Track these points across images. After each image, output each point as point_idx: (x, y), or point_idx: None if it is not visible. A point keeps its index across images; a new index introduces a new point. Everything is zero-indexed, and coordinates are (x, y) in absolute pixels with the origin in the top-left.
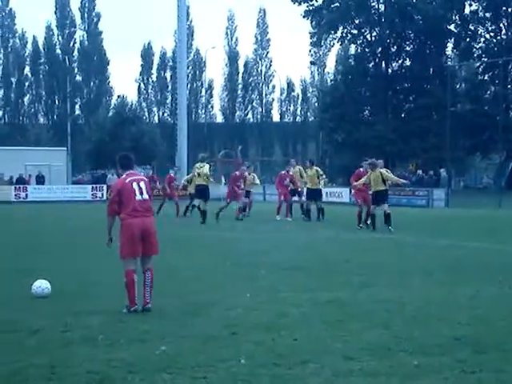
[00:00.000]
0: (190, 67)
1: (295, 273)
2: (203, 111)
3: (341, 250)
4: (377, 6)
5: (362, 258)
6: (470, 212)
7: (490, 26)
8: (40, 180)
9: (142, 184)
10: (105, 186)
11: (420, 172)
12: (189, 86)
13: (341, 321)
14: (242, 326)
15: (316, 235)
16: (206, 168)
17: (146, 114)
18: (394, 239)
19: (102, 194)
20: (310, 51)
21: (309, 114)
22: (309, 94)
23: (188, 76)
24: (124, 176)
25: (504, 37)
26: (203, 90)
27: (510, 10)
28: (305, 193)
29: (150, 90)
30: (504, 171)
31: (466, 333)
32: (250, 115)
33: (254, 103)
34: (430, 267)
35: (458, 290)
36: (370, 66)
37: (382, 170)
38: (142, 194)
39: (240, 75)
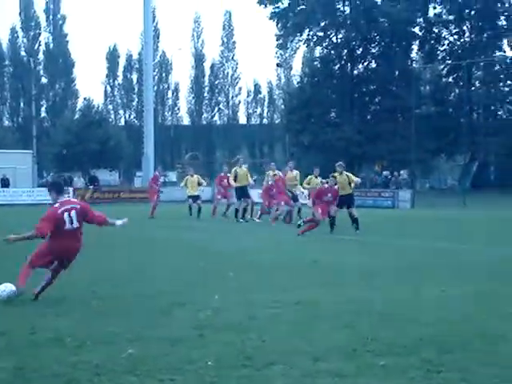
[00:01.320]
0: (157, 69)
1: (264, 274)
2: (170, 113)
3: (309, 251)
4: (342, 9)
5: (329, 259)
6: (435, 213)
7: (454, 28)
8: (5, 183)
9: (72, 213)
10: (71, 189)
11: (386, 173)
12: (155, 88)
13: (309, 322)
14: (211, 327)
15: (284, 236)
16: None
17: (113, 116)
18: (362, 240)
19: (68, 197)
20: (276, 53)
21: (275, 116)
22: (275, 96)
23: (154, 78)
24: (57, 205)
25: (467, 39)
26: (170, 93)
27: (472, 12)
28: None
29: (116, 93)
30: (468, 172)
31: (431, 333)
32: (216, 117)
33: (220, 105)
34: (396, 268)
35: (423, 291)
36: (336, 68)
37: (348, 174)
38: (72, 223)
39: (206, 77)
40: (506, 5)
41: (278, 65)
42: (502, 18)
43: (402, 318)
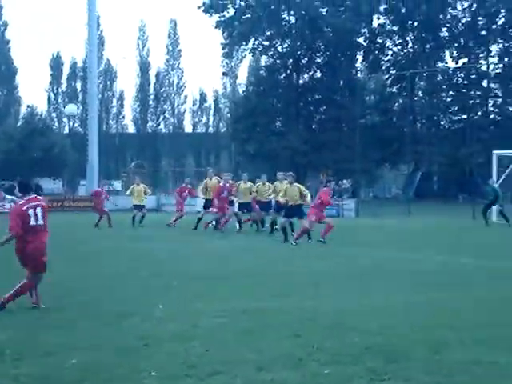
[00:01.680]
0: (101, 77)
1: (210, 283)
2: (114, 121)
3: (256, 260)
4: (287, 18)
5: (276, 268)
6: (380, 221)
7: (398, 39)
8: None
9: (38, 210)
10: (13, 198)
11: (332, 182)
12: (100, 96)
13: (254, 331)
14: (155, 337)
15: (232, 245)
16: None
17: (56, 124)
18: (308, 250)
19: (10, 206)
20: (222, 62)
21: (221, 124)
22: (221, 105)
23: (99, 86)
24: (23, 201)
25: (411, 50)
26: (114, 101)
27: (415, 23)
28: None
29: (59, 100)
30: (412, 181)
31: (376, 341)
32: (162, 126)
33: (166, 114)
34: (343, 277)
35: (369, 299)
36: (282, 77)
37: (300, 186)
38: (37, 220)
39: (152, 86)
40: (448, 16)
41: (223, 73)
42: (444, 29)
43: (348, 327)
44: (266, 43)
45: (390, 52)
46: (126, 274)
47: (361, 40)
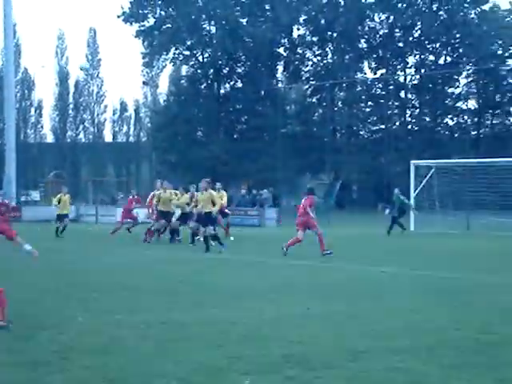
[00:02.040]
0: (19, 86)
1: (129, 294)
2: (33, 131)
3: (175, 271)
4: (208, 28)
5: (195, 278)
6: None
7: (317, 50)
8: None
9: None
10: None
11: (255, 192)
12: (17, 105)
13: (174, 342)
14: (74, 350)
15: (150, 256)
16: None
17: None
18: (228, 259)
19: None
20: (142, 71)
21: (142, 134)
22: (142, 114)
23: (16, 95)
24: None
25: (330, 60)
26: (32, 110)
27: (334, 35)
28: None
29: None
30: (333, 191)
31: (296, 351)
32: (81, 135)
33: (85, 123)
34: (262, 286)
35: (289, 309)
36: (203, 87)
37: (213, 193)
38: None
39: (71, 95)
40: (366, 28)
41: (144, 83)
42: (363, 40)
43: (267, 337)
44: (187, 53)
45: (309, 62)
46: (45, 286)
47: (281, 50)
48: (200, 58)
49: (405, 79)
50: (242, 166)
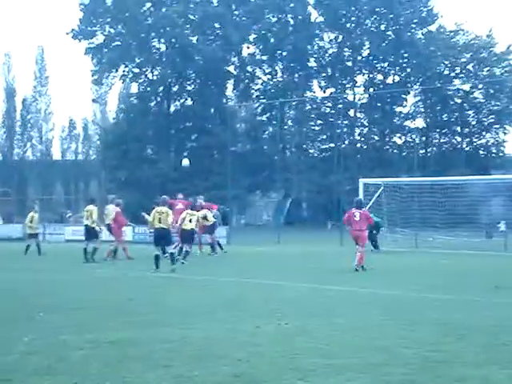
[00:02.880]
0: None
1: (76, 314)
2: None
3: (124, 289)
4: (158, 46)
5: (145, 297)
6: (251, 248)
7: (267, 68)
8: None
9: None
10: None
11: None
12: None
13: (122, 361)
14: (20, 371)
15: (99, 274)
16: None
17: None
18: (178, 278)
19: None
20: (91, 89)
21: (91, 152)
22: (91, 132)
23: None
24: None
25: (280, 79)
26: None
27: (284, 53)
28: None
29: None
30: (282, 208)
31: (245, 369)
32: (29, 153)
33: (33, 141)
34: (211, 305)
35: (239, 327)
36: (152, 104)
37: (168, 210)
38: None
39: (18, 112)
40: (316, 47)
41: (93, 100)
42: (312, 59)
43: (216, 356)
44: (137, 70)
45: (259, 81)
46: None
47: (231, 69)
48: (150, 76)
49: (354, 98)
50: (192, 183)
